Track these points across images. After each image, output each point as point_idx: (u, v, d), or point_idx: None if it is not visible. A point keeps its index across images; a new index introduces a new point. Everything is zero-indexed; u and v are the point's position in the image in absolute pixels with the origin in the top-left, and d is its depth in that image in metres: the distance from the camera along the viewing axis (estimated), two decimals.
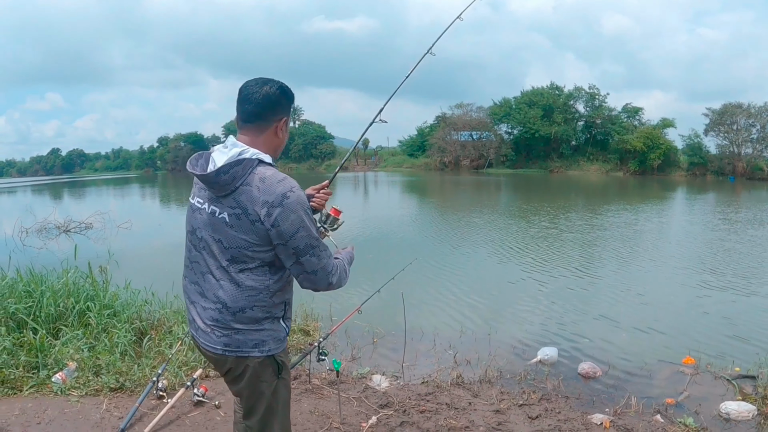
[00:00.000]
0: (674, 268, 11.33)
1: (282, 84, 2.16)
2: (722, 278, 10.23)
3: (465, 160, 66.47)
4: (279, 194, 1.96)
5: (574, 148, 66.50)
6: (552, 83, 68.90)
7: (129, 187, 55.96)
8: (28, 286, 5.56)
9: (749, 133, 57.75)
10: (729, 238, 14.97)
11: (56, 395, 4.12)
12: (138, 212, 25.39)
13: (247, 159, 2.00)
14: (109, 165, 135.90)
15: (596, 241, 14.78)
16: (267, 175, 2.00)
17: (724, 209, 24.07)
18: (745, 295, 9.03)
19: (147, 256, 12.56)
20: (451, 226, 18.00)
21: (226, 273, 2.06)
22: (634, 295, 9.09)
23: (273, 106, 2.11)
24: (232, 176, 1.98)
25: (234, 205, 1.99)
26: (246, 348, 2.10)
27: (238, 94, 2.14)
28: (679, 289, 9.62)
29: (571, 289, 9.51)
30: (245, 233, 1.99)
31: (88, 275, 6.22)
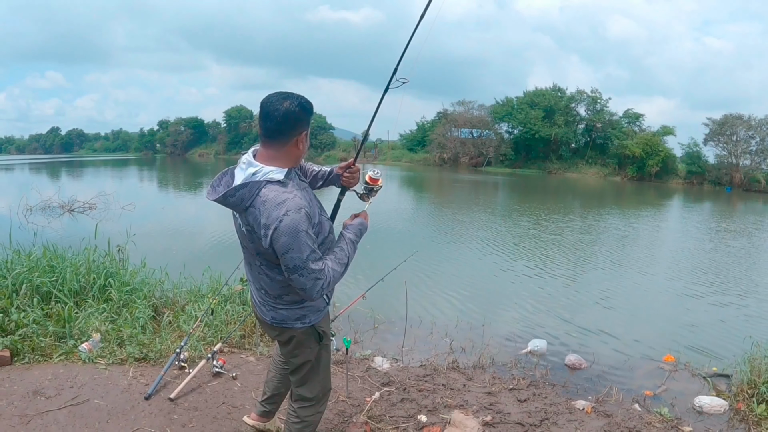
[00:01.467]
0: (662, 273, 11.77)
1: (302, 99, 2.30)
2: (708, 285, 10.66)
3: (464, 157, 66.73)
4: (274, 218, 2.17)
5: (574, 151, 66.82)
6: (555, 85, 69.20)
7: (128, 169, 56.05)
8: (51, 262, 5.89)
9: (748, 145, 58.13)
10: (718, 248, 15.43)
11: (84, 363, 4.46)
12: (140, 194, 25.66)
13: (252, 183, 2.23)
14: (108, 146, 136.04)
15: (590, 243, 15.19)
16: (269, 198, 2.20)
17: (717, 219, 24.52)
18: (729, 302, 9.45)
19: (154, 237, 12.84)
20: (450, 223, 18.35)
21: (260, 268, 2.44)
22: (622, 296, 9.53)
23: (293, 123, 2.27)
24: (239, 198, 2.23)
25: (247, 222, 2.30)
26: (289, 321, 2.51)
27: (259, 110, 2.29)
28: (665, 293, 10.05)
29: (563, 287, 9.93)
30: (259, 245, 2.30)
31: (107, 253, 6.55)
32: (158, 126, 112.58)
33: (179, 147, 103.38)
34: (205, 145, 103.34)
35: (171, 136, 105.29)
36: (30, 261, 5.74)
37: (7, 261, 5.65)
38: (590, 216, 21.91)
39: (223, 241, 12.88)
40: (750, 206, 35.11)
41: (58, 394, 3.87)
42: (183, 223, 16.89)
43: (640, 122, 65.71)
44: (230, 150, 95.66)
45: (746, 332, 7.08)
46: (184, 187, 32.71)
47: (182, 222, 17.07)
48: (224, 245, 12.41)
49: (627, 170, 58.87)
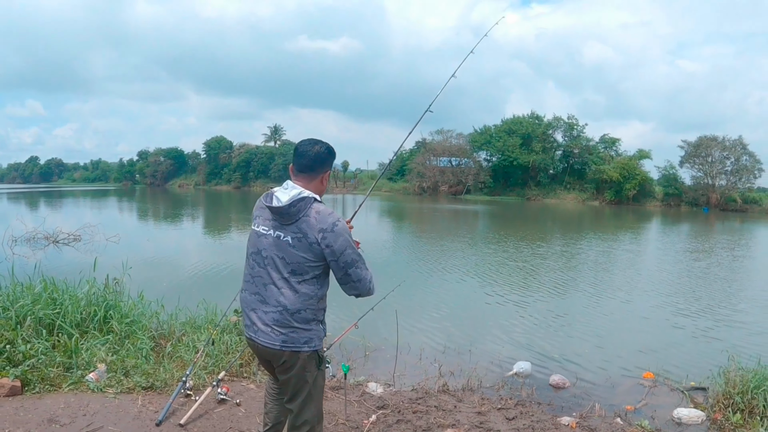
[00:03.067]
0: (640, 294, 12.22)
1: (329, 145, 2.88)
2: (683, 304, 11.10)
3: (443, 185, 67.51)
4: (330, 223, 2.68)
5: (552, 177, 67.93)
6: (532, 112, 70.73)
7: (108, 200, 55.80)
8: (52, 294, 6.08)
9: (723, 166, 59.69)
10: (693, 268, 15.96)
11: (93, 392, 4.65)
12: (123, 226, 25.66)
13: (307, 197, 2.71)
14: (88, 176, 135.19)
15: (569, 267, 15.60)
16: (321, 210, 2.71)
17: (694, 240, 25.23)
18: (703, 319, 9.88)
19: (143, 269, 12.97)
20: (432, 252, 18.64)
21: (286, 282, 2.74)
22: (601, 317, 9.93)
23: (322, 162, 2.84)
24: (297, 209, 2.69)
25: (296, 231, 2.71)
26: (299, 344, 2.78)
27: (294, 151, 2.84)
28: (642, 313, 10.46)
29: (544, 310, 10.28)
30: (304, 252, 2.71)
31: (106, 285, 6.75)
32: (138, 156, 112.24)
33: (159, 177, 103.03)
34: (185, 175, 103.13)
35: (151, 166, 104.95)
36: (33, 293, 5.91)
37: (8, 293, 5.82)
38: (569, 241, 22.43)
39: (211, 272, 13.09)
40: (727, 226, 36.02)
41: (73, 422, 4.07)
42: (170, 255, 16.99)
43: (617, 147, 67.23)
44: (210, 181, 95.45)
45: (720, 347, 7.50)
46: (167, 218, 32.74)
47: (169, 254, 17.17)
48: (213, 277, 12.64)
49: (605, 194, 59.95)
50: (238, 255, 16.45)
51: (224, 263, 14.30)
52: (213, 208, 45.02)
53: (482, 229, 28.79)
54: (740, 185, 59.39)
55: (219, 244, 20.51)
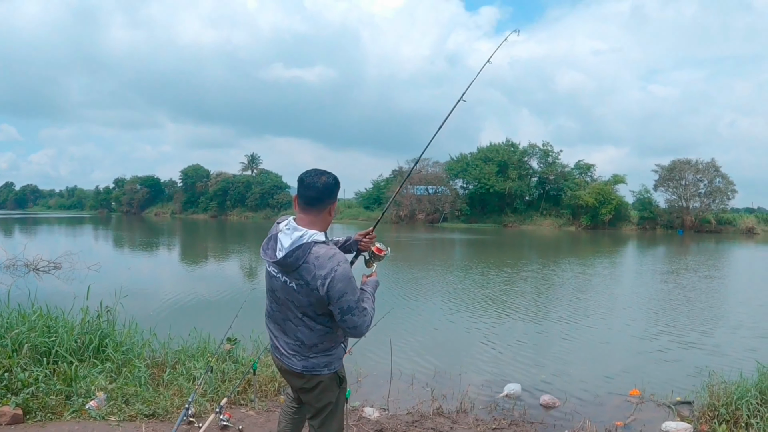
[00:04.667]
0: (621, 314, 12.61)
1: (335, 175, 2.83)
2: (664, 323, 11.47)
3: (420, 214, 67.89)
4: (329, 269, 2.63)
5: (528, 204, 68.74)
6: (508, 139, 71.83)
7: (85, 227, 55.11)
8: (47, 322, 6.10)
9: (697, 188, 61.17)
10: (671, 289, 16.35)
11: (95, 420, 4.70)
12: (103, 254, 25.43)
13: (305, 243, 2.67)
14: (63, 203, 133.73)
15: (550, 291, 15.90)
16: (320, 254, 2.67)
17: (669, 262, 25.76)
18: (684, 336, 10.26)
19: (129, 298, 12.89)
20: (414, 281, 18.74)
21: (301, 321, 2.83)
22: (585, 338, 10.21)
23: (329, 193, 2.78)
24: (295, 258, 2.67)
25: (299, 278, 2.73)
26: (319, 368, 2.90)
27: (299, 183, 2.79)
28: (625, 333, 10.80)
29: (529, 333, 10.55)
30: (308, 297, 2.74)
31: (99, 314, 6.78)
32: (114, 184, 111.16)
33: (135, 206, 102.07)
34: (161, 204, 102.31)
35: (127, 194, 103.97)
36: (29, 321, 5.94)
37: (3, 321, 5.85)
38: (547, 266, 22.75)
39: (196, 301, 13.10)
40: (702, 247, 36.80)
41: None
42: (152, 284, 16.90)
43: (592, 172, 68.41)
44: (187, 209, 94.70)
45: (703, 363, 7.83)
46: (145, 247, 32.46)
47: (151, 283, 17.09)
48: (199, 305, 12.65)
49: (581, 219, 60.79)
50: (218, 284, 16.42)
51: (208, 292, 14.34)
52: (191, 237, 44.71)
53: (461, 257, 29.04)
54: (714, 207, 60.85)
55: (199, 274, 20.41)
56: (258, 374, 5.68)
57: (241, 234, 48.73)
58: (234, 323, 6.09)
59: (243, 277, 19.62)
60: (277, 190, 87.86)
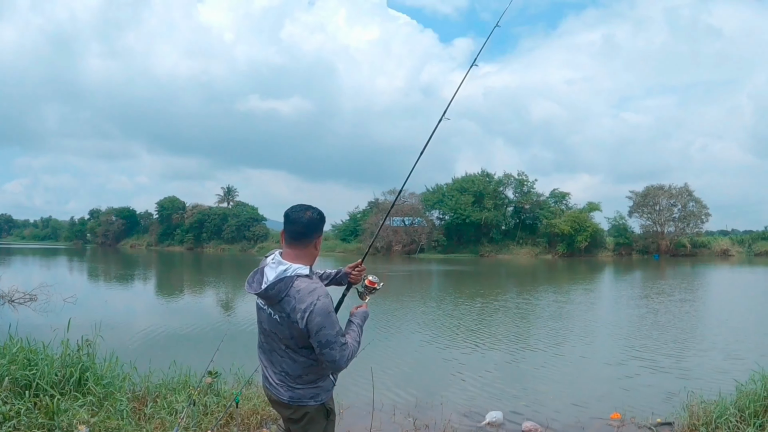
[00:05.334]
0: (599, 340, 12.86)
1: (320, 210, 2.94)
2: (641, 347, 11.66)
3: (397, 245, 67.66)
4: (308, 303, 2.71)
5: (504, 233, 69.13)
6: (483, 170, 72.44)
7: (60, 259, 54.34)
8: (27, 355, 6.05)
9: (671, 213, 62.29)
10: (647, 314, 16.65)
11: None
12: (79, 287, 25.10)
13: (288, 277, 2.77)
14: (38, 234, 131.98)
15: (526, 318, 16.13)
16: (301, 288, 2.76)
17: (645, 286, 26.25)
18: (661, 359, 10.46)
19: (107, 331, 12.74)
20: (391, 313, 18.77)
21: (286, 353, 2.92)
22: (563, 364, 10.34)
23: (314, 228, 2.90)
24: (277, 291, 2.77)
25: (281, 310, 2.83)
26: (305, 399, 2.97)
27: (285, 218, 2.89)
28: (603, 358, 10.93)
29: (508, 360, 10.66)
30: (290, 330, 2.84)
31: (79, 347, 6.73)
32: (89, 215, 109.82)
33: (110, 237, 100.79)
34: (137, 235, 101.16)
35: (102, 225, 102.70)
36: (10, 354, 5.89)
37: None
38: (525, 294, 22.96)
39: (175, 334, 13.01)
40: (678, 270, 37.40)
41: None
42: (129, 316, 16.74)
43: (567, 200, 69.11)
44: (163, 241, 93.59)
45: (679, 385, 7.93)
46: (121, 279, 32.05)
47: (128, 316, 16.93)
48: (177, 338, 12.57)
49: (557, 248, 61.25)
50: (196, 317, 16.31)
51: (186, 325, 14.24)
52: (167, 269, 44.25)
53: (438, 288, 29.11)
54: (688, 230, 61.87)
55: (176, 307, 20.19)
56: (240, 407, 5.69)
57: (217, 266, 48.29)
58: (215, 356, 6.09)
59: (220, 309, 19.48)
60: (254, 222, 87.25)
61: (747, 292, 25.94)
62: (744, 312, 18.11)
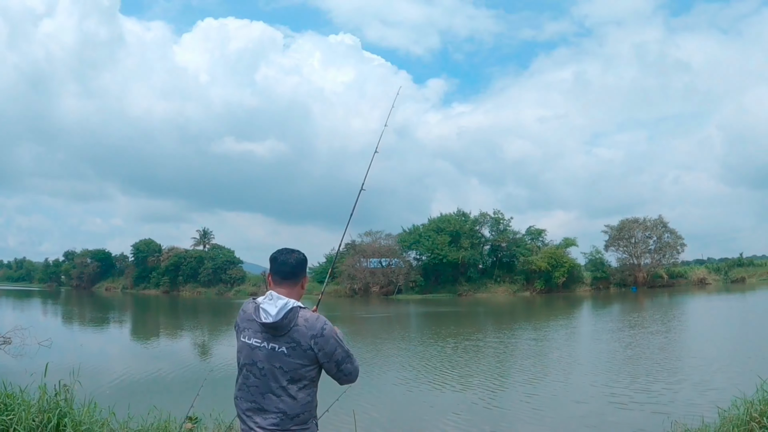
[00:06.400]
0: (577, 373, 13.11)
1: (303, 253, 3.13)
2: (625, 376, 12.09)
3: (375, 286, 66.95)
4: (319, 328, 2.90)
5: (482, 272, 68.86)
6: (459, 210, 72.44)
7: (33, 301, 53.49)
8: (4, 400, 6.04)
9: (647, 245, 62.71)
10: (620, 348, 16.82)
11: None
12: (54, 330, 24.67)
13: (294, 307, 2.91)
14: (11, 275, 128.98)
15: (505, 355, 16.34)
16: (308, 317, 2.93)
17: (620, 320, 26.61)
18: (644, 388, 10.80)
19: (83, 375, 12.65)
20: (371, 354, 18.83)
21: (285, 391, 2.97)
22: (537, 403, 10.40)
23: (301, 267, 3.09)
24: (288, 320, 2.89)
25: (290, 340, 2.94)
26: None
27: (272, 262, 3.07)
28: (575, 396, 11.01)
29: (487, 398, 10.77)
30: (300, 359, 2.94)
31: (57, 392, 6.75)
32: (64, 257, 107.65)
33: (85, 280, 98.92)
34: (112, 278, 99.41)
35: (77, 268, 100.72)
36: None
37: None
38: (502, 332, 23.16)
39: (153, 378, 12.96)
40: (657, 301, 37.83)
41: None
42: (105, 360, 16.60)
43: (543, 237, 69.16)
44: (138, 284, 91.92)
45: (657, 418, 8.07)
46: (96, 323, 31.61)
47: (104, 360, 16.79)
48: (156, 382, 12.52)
49: (535, 284, 61.30)
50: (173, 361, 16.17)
51: (164, 370, 14.19)
52: (143, 313, 43.67)
53: (417, 329, 29.05)
54: (665, 261, 62.24)
55: (153, 351, 20.03)
56: None
57: (193, 310, 47.63)
58: (195, 401, 6.13)
59: (198, 354, 19.35)
60: (230, 265, 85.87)
61: (723, 320, 26.25)
62: (721, 340, 18.36)
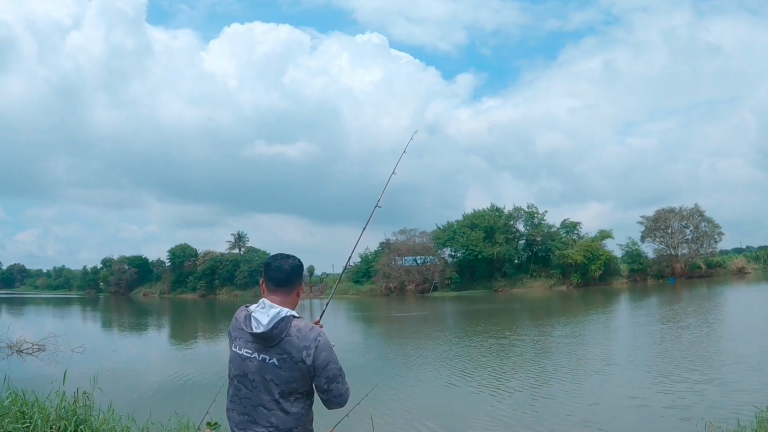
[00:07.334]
0: (620, 370, 12.52)
1: (299, 258, 2.96)
2: (666, 374, 11.33)
3: (410, 284, 66.88)
4: (313, 339, 2.72)
5: (517, 267, 68.25)
6: (492, 205, 71.79)
7: (72, 308, 54.49)
8: (21, 408, 5.92)
9: (683, 235, 61.22)
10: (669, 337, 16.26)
11: None
12: (88, 336, 25.00)
13: (286, 316, 2.73)
14: (51, 283, 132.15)
15: (544, 352, 15.74)
16: (301, 327, 2.74)
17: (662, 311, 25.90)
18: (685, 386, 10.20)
19: (113, 381, 12.62)
20: (403, 353, 18.49)
21: (277, 404, 2.75)
22: (587, 397, 9.99)
23: (297, 274, 2.91)
24: (279, 330, 2.70)
25: (281, 352, 2.72)
26: None
27: (266, 268, 2.91)
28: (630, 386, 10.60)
29: (527, 400, 10.22)
30: (291, 371, 2.72)
31: (75, 399, 6.60)
32: (102, 264, 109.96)
33: (123, 286, 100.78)
34: (149, 284, 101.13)
35: (115, 274, 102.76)
36: (2, 407, 5.78)
37: None
38: (540, 328, 22.55)
39: (181, 383, 12.86)
40: (695, 292, 36.66)
41: None
42: (137, 366, 16.59)
43: (578, 230, 68.13)
44: (175, 289, 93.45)
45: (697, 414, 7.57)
46: (132, 328, 31.96)
47: (136, 365, 16.78)
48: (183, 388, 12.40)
49: (571, 278, 60.41)
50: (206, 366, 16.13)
51: (193, 374, 14.06)
52: (179, 317, 44.11)
53: (458, 324, 28.66)
54: (702, 251, 60.64)
55: (187, 355, 20.04)
56: None
57: (229, 313, 46.99)
58: (213, 407, 5.90)
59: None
60: None
61: (765, 311, 25.10)
62: (761, 336, 17.52)
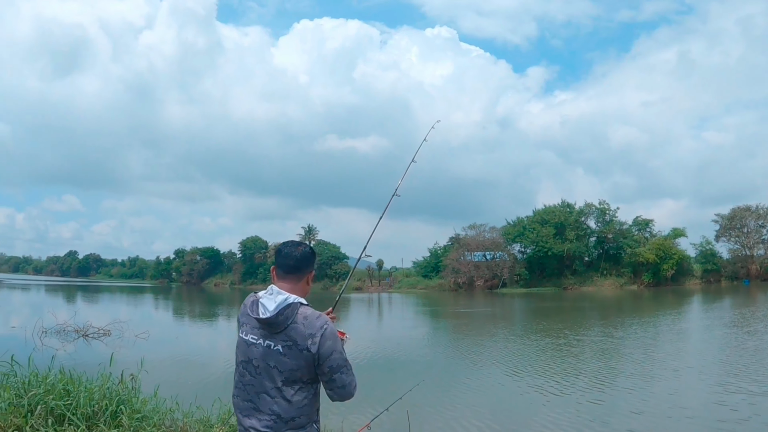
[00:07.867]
0: (694, 375, 11.77)
1: (311, 245, 2.95)
2: (737, 382, 10.55)
3: (479, 280, 66.43)
4: (319, 327, 2.64)
5: (588, 264, 66.67)
6: (563, 201, 70.40)
7: (143, 296, 56.72)
8: (66, 386, 6.02)
9: (760, 235, 58.30)
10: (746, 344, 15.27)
11: None
12: (154, 323, 25.85)
13: (293, 302, 2.66)
14: (125, 273, 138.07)
15: (612, 354, 15.06)
16: (308, 314, 2.67)
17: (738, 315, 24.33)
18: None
19: (168, 367, 12.87)
20: (462, 348, 18.11)
21: (280, 392, 2.65)
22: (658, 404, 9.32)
23: (307, 262, 2.84)
24: (285, 317, 2.63)
25: (286, 339, 2.63)
26: None
27: (277, 254, 2.88)
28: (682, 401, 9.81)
29: (590, 402, 9.68)
30: (296, 359, 2.62)
31: (120, 380, 6.68)
32: (174, 255, 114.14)
33: (195, 276, 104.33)
34: (220, 274, 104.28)
35: (187, 265, 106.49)
36: (46, 384, 5.88)
37: (24, 382, 5.86)
38: (610, 328, 21.67)
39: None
40: None
41: None
42: (196, 353, 16.93)
43: (651, 228, 66.04)
44: (245, 280, 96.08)
45: None
46: (199, 317, 32.83)
47: (196, 352, 17.13)
48: None
49: (642, 277, 58.51)
50: None
51: None
52: None
53: (521, 322, 28.05)
54: None
55: None
56: None
57: None
58: None
59: None
60: (335, 260, 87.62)
61: None
62: None
